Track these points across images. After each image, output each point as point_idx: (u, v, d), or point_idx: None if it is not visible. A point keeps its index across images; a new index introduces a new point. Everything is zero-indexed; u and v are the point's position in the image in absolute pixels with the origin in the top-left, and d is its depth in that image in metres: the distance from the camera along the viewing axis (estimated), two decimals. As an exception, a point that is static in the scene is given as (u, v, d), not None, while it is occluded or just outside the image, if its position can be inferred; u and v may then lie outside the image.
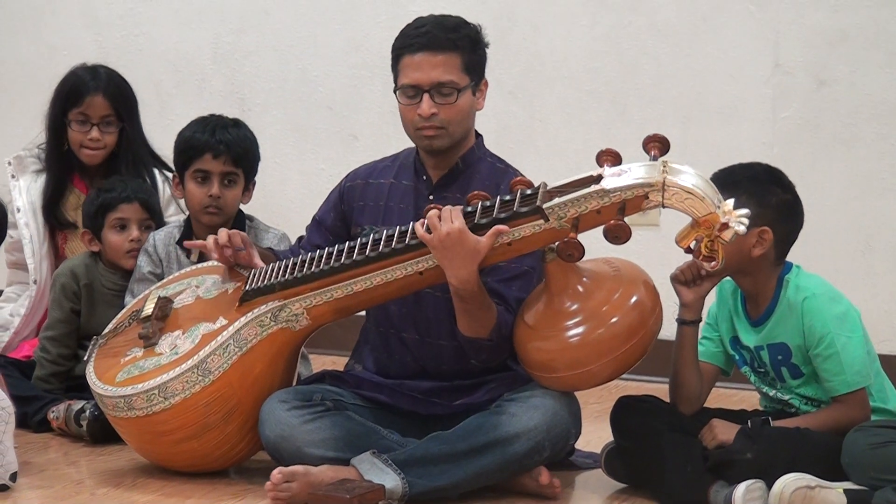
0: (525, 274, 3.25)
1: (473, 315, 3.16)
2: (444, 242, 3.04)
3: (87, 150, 4.17)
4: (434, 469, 3.12)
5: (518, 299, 3.23)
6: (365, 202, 3.42)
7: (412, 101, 3.25)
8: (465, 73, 3.25)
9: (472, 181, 3.31)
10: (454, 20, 3.30)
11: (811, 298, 3.12)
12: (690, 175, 2.87)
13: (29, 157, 4.32)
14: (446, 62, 3.23)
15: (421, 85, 3.23)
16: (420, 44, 3.23)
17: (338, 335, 3.96)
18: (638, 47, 4.79)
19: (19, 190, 4.25)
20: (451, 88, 3.23)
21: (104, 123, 4.17)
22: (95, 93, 4.16)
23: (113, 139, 4.19)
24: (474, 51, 3.29)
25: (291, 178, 5.28)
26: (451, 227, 3.03)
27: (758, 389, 3.32)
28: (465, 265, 3.05)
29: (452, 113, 3.24)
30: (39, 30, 5.65)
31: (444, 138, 3.26)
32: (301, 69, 5.29)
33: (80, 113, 4.16)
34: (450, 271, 3.07)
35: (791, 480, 2.93)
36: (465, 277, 3.06)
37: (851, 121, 4.54)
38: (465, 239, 3.03)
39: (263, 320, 3.27)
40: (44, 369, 3.93)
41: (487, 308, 3.15)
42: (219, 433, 3.27)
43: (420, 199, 3.35)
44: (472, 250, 3.03)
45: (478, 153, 3.37)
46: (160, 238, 3.88)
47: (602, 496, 3.28)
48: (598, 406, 3.88)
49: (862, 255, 4.55)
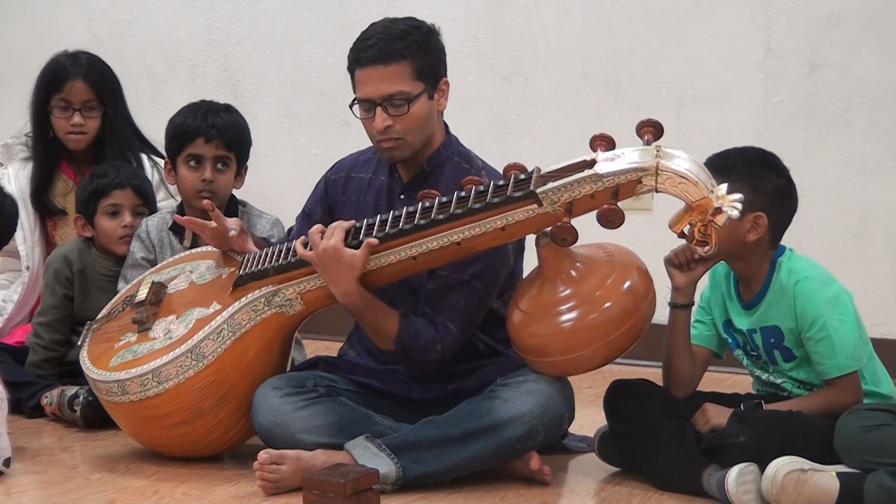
0: (465, 283, 3.22)
1: (371, 327, 3.22)
2: (321, 258, 3.13)
3: (72, 136, 4.17)
4: (428, 454, 3.12)
5: (452, 308, 3.21)
6: (347, 197, 3.42)
7: (368, 114, 3.24)
8: (417, 80, 3.21)
9: (438, 182, 3.29)
10: (401, 27, 3.24)
11: (804, 281, 3.13)
12: (684, 160, 2.87)
13: (17, 145, 4.31)
14: (395, 73, 3.20)
15: (373, 99, 3.21)
16: (367, 57, 3.21)
17: (331, 320, 3.96)
18: (631, 32, 4.80)
19: (8, 178, 4.25)
20: (402, 99, 3.20)
21: (86, 108, 4.16)
22: (75, 78, 4.16)
23: (96, 124, 4.18)
24: (426, 55, 3.24)
25: (284, 164, 5.29)
26: (327, 245, 3.12)
27: (750, 373, 3.33)
28: (343, 280, 3.12)
29: (407, 122, 3.22)
30: (30, 17, 5.65)
31: (403, 149, 3.25)
32: (294, 55, 5.29)
33: (62, 99, 4.16)
34: (331, 287, 3.16)
35: (784, 464, 2.94)
36: (344, 291, 3.13)
37: (844, 105, 4.55)
38: (340, 255, 3.11)
39: (257, 305, 3.27)
40: (37, 355, 3.93)
41: (383, 319, 3.20)
42: (212, 418, 3.27)
43: (392, 196, 3.35)
44: (349, 265, 3.10)
45: (444, 153, 3.34)
46: (153, 224, 3.88)
47: (595, 480, 3.28)
48: (591, 390, 3.88)
49: (854, 239, 4.56)
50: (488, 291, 3.24)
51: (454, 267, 3.18)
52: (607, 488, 3.22)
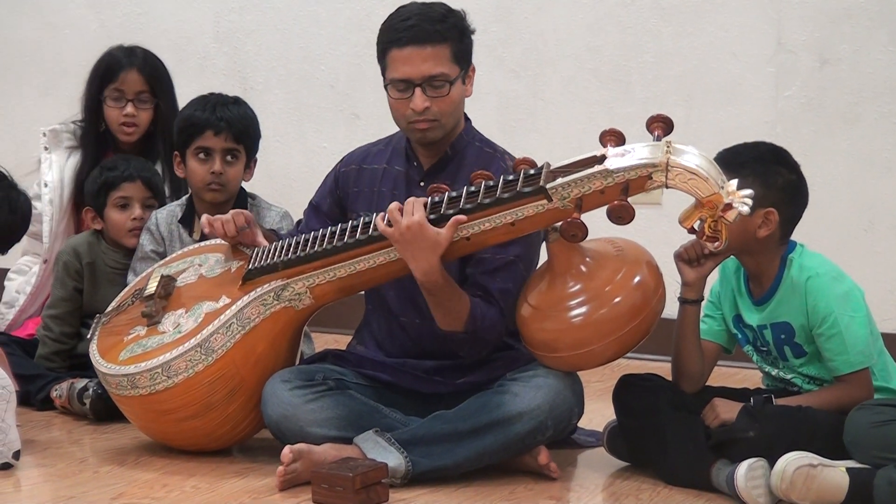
0: (510, 264, 3.23)
1: (444, 308, 3.16)
2: (405, 236, 3.05)
3: (124, 128, 4.15)
4: (437, 448, 3.12)
5: (502, 290, 3.21)
6: (360, 188, 3.41)
7: (403, 95, 3.22)
8: (454, 64, 3.22)
9: (461, 167, 3.29)
10: (439, 9, 3.25)
11: (815, 278, 3.12)
12: (694, 155, 2.86)
13: (64, 132, 4.28)
14: (436, 54, 3.20)
15: (412, 79, 3.20)
16: (408, 37, 3.19)
17: (341, 314, 3.96)
18: (641, 26, 4.79)
19: (50, 163, 4.22)
20: (443, 81, 3.20)
21: (139, 100, 4.16)
22: (130, 68, 4.17)
23: (148, 116, 4.17)
24: (461, 39, 3.25)
25: (293, 157, 5.28)
26: (411, 220, 3.04)
27: (760, 368, 3.32)
28: (427, 258, 3.05)
29: (445, 105, 3.22)
30: (41, 9, 5.65)
31: (437, 130, 3.25)
32: (303, 48, 5.29)
33: (116, 89, 4.15)
34: (412, 264, 3.08)
35: (793, 459, 2.94)
36: (426, 269, 3.07)
37: (854, 99, 4.54)
38: (425, 232, 3.03)
39: (266, 299, 3.27)
40: (47, 347, 3.93)
41: (458, 300, 3.15)
42: (222, 412, 3.28)
43: (411, 185, 3.34)
44: (433, 243, 3.04)
45: (466, 138, 3.35)
46: (162, 217, 3.88)
47: (604, 474, 3.28)
48: (600, 385, 3.88)
49: (865, 234, 4.55)
50: (527, 273, 3.24)
51: (496, 248, 3.16)
52: (616, 483, 3.22)
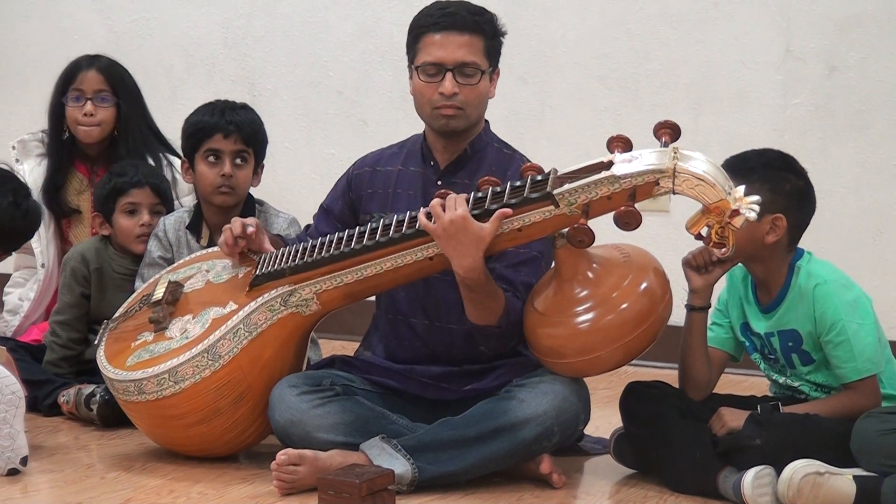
0: (533, 259, 3.25)
1: (481, 303, 3.15)
2: (448, 231, 3.02)
3: (83, 127, 4.16)
4: (443, 455, 3.12)
5: (526, 284, 3.22)
6: (373, 189, 3.42)
7: (433, 79, 3.24)
8: (485, 57, 3.26)
9: (479, 167, 3.31)
10: (477, 5, 3.31)
11: (823, 285, 3.12)
12: (701, 161, 2.86)
13: (33, 142, 4.32)
14: (471, 43, 3.24)
15: (445, 63, 3.22)
16: (446, 23, 3.24)
17: (348, 320, 3.96)
18: (649, 33, 4.79)
19: (23, 174, 4.25)
20: (475, 69, 3.23)
21: (98, 98, 4.16)
22: (89, 68, 4.18)
23: (108, 115, 4.17)
24: (494, 37, 3.31)
25: (302, 163, 5.29)
26: (455, 215, 3.01)
27: (767, 376, 3.32)
28: (470, 253, 3.03)
29: (473, 95, 3.24)
30: (50, 14, 5.66)
31: (461, 119, 3.26)
32: (311, 54, 5.29)
33: (75, 89, 4.18)
34: (455, 260, 3.05)
35: (800, 467, 2.93)
36: (470, 265, 3.04)
37: (863, 107, 4.54)
38: (469, 226, 3.01)
39: (273, 305, 3.27)
40: (54, 353, 3.93)
41: (494, 295, 3.14)
42: (229, 418, 3.28)
43: (428, 185, 3.35)
44: (477, 237, 3.01)
45: (485, 139, 3.37)
46: (170, 223, 3.89)
47: (611, 482, 3.28)
48: (607, 392, 3.88)
49: (873, 242, 4.55)
50: (546, 269, 3.24)
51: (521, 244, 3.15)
52: (623, 490, 3.22)
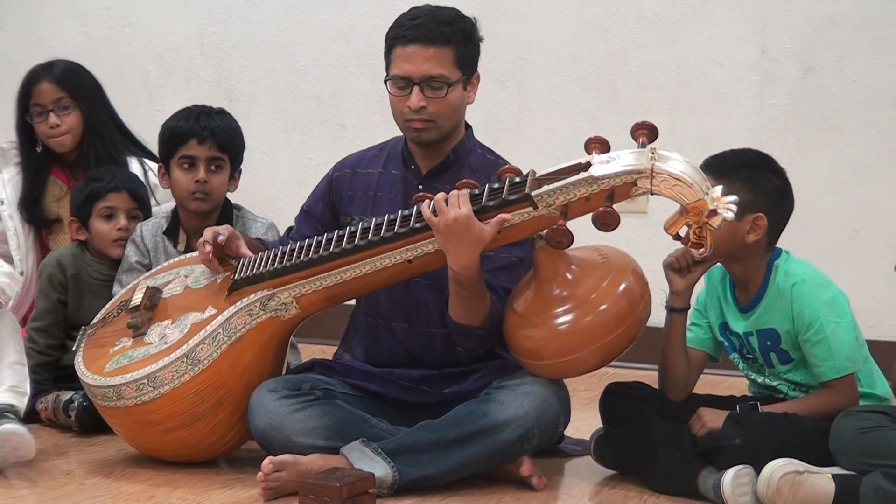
0: (514, 265, 3.25)
1: (469, 302, 3.15)
2: (451, 227, 3.02)
3: (53, 139, 4.16)
4: (424, 457, 3.12)
5: (506, 289, 3.22)
6: (353, 192, 3.42)
7: (402, 92, 3.24)
8: (456, 68, 3.24)
9: (462, 172, 3.30)
10: (449, 13, 3.28)
11: (800, 284, 3.13)
12: (679, 162, 2.87)
13: (12, 150, 4.31)
14: (438, 55, 3.21)
15: (411, 77, 3.21)
16: (413, 35, 3.21)
17: (327, 324, 3.96)
18: (625, 35, 4.80)
19: (2, 182, 4.24)
20: (442, 82, 3.22)
21: (59, 108, 4.15)
22: (43, 80, 4.17)
23: (74, 121, 4.16)
24: (467, 45, 3.27)
25: (279, 168, 5.29)
26: (459, 213, 3.01)
27: (746, 376, 3.32)
28: (469, 251, 3.03)
29: (442, 107, 3.23)
30: (26, 21, 5.65)
31: (432, 131, 3.26)
32: (288, 59, 5.29)
33: (36, 104, 4.16)
34: (453, 256, 3.05)
35: (779, 466, 2.94)
36: (466, 264, 3.05)
37: (838, 107, 4.56)
38: (472, 225, 3.01)
39: (252, 309, 3.27)
40: (32, 360, 3.89)
41: (483, 296, 3.15)
42: (208, 422, 3.27)
43: (409, 188, 3.35)
44: (478, 237, 3.01)
45: (468, 145, 3.37)
46: (147, 228, 3.88)
47: (591, 483, 3.28)
48: (587, 393, 3.88)
49: (849, 242, 4.57)
50: (523, 275, 3.24)
51: (499, 248, 3.15)
52: (603, 491, 3.22)
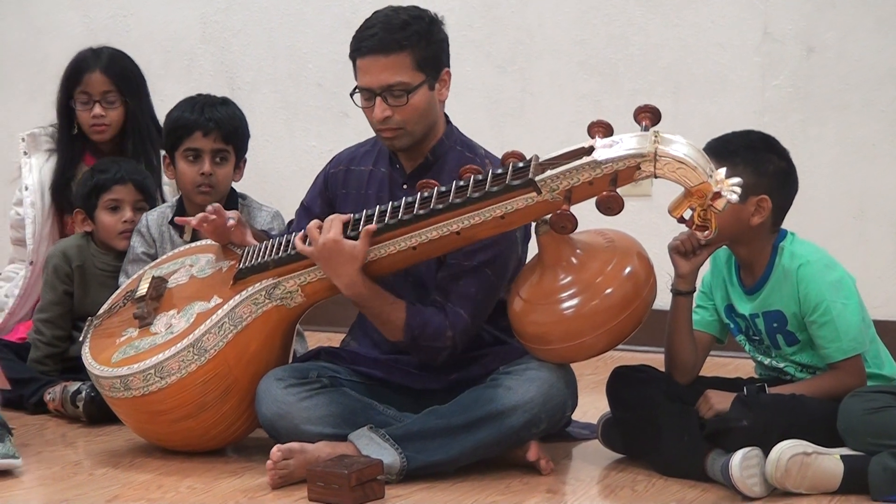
0: (475, 270, 3.21)
1: (379, 319, 3.21)
2: (322, 253, 3.12)
3: (95, 128, 4.16)
4: (431, 443, 3.12)
5: (463, 295, 3.21)
6: (347, 190, 3.42)
7: (368, 103, 3.24)
8: (417, 71, 3.21)
9: (442, 172, 3.29)
10: (403, 17, 3.23)
11: (806, 266, 3.13)
12: (682, 145, 2.87)
13: (43, 136, 4.30)
14: (395, 63, 3.19)
15: (372, 88, 3.21)
16: (368, 47, 3.21)
17: (333, 312, 3.95)
18: (627, 18, 4.79)
19: (30, 167, 4.23)
20: (402, 90, 3.19)
21: (106, 101, 4.15)
22: (94, 70, 4.16)
23: (118, 115, 4.17)
24: (427, 46, 3.23)
25: (283, 156, 5.28)
26: (326, 238, 3.11)
27: (752, 358, 3.32)
28: (347, 272, 3.11)
29: (407, 113, 3.21)
30: (26, 11, 5.64)
31: (403, 138, 3.25)
32: (290, 46, 5.28)
33: (82, 92, 4.16)
34: (335, 280, 3.15)
35: (787, 447, 2.94)
36: (347, 283, 3.13)
37: (842, 87, 4.55)
38: (341, 247, 3.10)
39: (258, 298, 3.27)
40: (39, 351, 3.92)
41: (390, 310, 3.19)
42: (216, 412, 3.27)
43: (395, 187, 3.35)
44: (350, 257, 3.10)
45: (447, 143, 3.34)
46: (153, 218, 3.88)
47: (599, 467, 3.28)
48: (593, 377, 3.88)
49: (854, 222, 4.56)
50: (499, 278, 3.24)
51: (463, 254, 3.17)
52: (611, 475, 3.23)
